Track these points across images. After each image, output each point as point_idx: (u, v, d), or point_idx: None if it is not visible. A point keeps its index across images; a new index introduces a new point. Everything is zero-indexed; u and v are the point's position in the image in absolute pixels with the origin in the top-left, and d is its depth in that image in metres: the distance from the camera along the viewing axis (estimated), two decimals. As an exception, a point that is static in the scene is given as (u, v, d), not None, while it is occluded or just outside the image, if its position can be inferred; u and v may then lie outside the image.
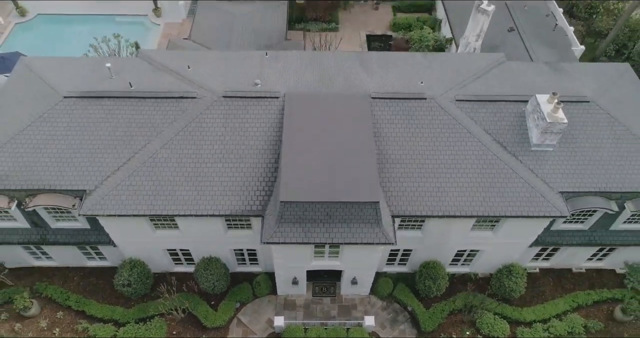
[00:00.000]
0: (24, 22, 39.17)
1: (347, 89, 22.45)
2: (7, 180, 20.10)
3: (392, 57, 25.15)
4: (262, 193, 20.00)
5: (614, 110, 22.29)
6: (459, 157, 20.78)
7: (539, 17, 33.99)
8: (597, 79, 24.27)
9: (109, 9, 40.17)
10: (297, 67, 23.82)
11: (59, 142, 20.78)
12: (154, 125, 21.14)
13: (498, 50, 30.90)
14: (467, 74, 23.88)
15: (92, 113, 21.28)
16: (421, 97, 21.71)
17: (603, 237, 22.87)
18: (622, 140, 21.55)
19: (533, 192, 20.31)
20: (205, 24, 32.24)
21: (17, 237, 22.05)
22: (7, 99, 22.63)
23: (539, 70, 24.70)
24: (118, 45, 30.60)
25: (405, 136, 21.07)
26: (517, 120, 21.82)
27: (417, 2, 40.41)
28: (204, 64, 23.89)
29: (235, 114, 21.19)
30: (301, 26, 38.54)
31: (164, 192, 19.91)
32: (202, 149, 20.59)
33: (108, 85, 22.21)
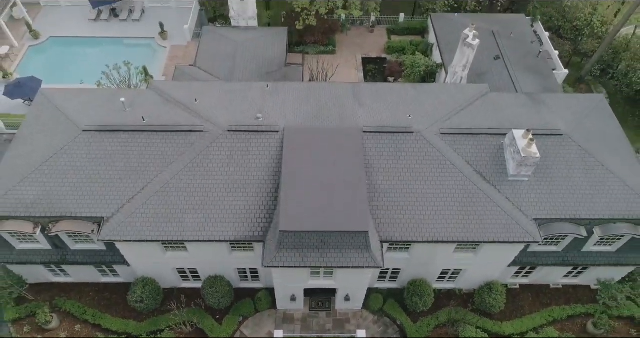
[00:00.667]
0: (37, 44, 41.21)
1: (341, 122, 24.53)
2: (33, 208, 22.21)
3: (384, 89, 27.23)
4: (263, 221, 22.10)
5: (585, 143, 24.36)
6: (442, 187, 22.85)
7: (524, 44, 36.01)
8: (572, 110, 26.34)
9: (117, 32, 42.26)
10: (296, 100, 25.88)
11: (79, 172, 22.87)
12: (165, 157, 23.24)
13: (484, 78, 33.00)
14: (452, 105, 25.95)
15: (109, 145, 23.38)
16: (409, 131, 23.77)
17: (575, 257, 24.98)
18: (591, 171, 23.61)
19: (509, 219, 22.39)
20: (209, 52, 34.27)
21: (40, 258, 24.18)
22: (30, 129, 24.73)
23: (520, 101, 26.78)
24: (128, 72, 32.62)
25: (394, 168, 23.15)
26: (496, 152, 23.90)
27: (410, 26, 42.44)
28: (209, 97, 25.98)
29: (238, 147, 23.28)
30: (300, 49, 40.60)
31: (175, 219, 22.01)
32: (208, 180, 22.67)
33: (123, 119, 24.30)
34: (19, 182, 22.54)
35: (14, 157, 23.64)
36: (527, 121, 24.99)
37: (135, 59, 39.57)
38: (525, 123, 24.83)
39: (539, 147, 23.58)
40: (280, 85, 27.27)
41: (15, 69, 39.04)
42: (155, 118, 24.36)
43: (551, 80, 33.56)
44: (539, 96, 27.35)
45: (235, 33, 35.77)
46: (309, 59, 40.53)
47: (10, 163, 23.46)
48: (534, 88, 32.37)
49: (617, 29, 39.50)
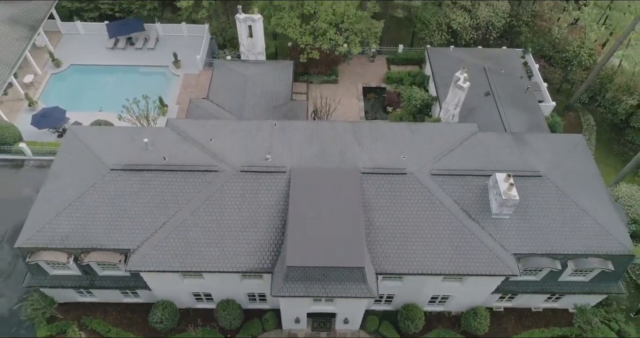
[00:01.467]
0: (59, 72, 44.01)
1: (342, 162, 27.22)
2: (67, 240, 24.98)
3: (381, 128, 29.94)
4: (271, 253, 24.83)
5: (562, 183, 27.02)
6: (432, 224, 25.53)
7: (514, 79, 38.64)
8: (552, 150, 28.99)
9: (133, 60, 45.04)
10: (301, 139, 28.58)
11: (108, 208, 25.63)
12: (184, 194, 25.98)
13: (475, 113, 35.65)
14: (443, 146, 28.65)
15: (134, 183, 26.13)
16: (402, 172, 26.45)
17: (552, 286, 27.65)
18: (566, 210, 26.27)
19: (491, 254, 25.07)
20: (221, 86, 36.99)
21: (71, 282, 26.98)
22: (61, 165, 27.53)
23: (505, 142, 29.44)
24: (147, 105, 35.35)
25: (389, 206, 25.84)
26: (481, 192, 26.57)
27: (409, 56, 45.10)
28: (223, 136, 28.74)
29: (250, 186, 26.00)
30: (305, 78, 43.32)
31: (193, 252, 24.76)
32: (223, 216, 25.40)
33: (146, 158, 27.06)
34: (54, 217, 25.32)
35: (49, 192, 26.43)
36: (510, 162, 27.66)
37: (150, 87, 42.85)
38: (508, 164, 27.51)
39: (519, 188, 26.28)
40: (287, 124, 30.01)
41: (39, 97, 41.85)
42: (175, 157, 27.12)
43: (538, 116, 36.19)
44: (522, 136, 30.01)
45: (244, 67, 38.47)
46: (312, 88, 43.28)
47: (45, 198, 26.25)
48: (521, 124, 35.00)
49: (604, 62, 42.19)
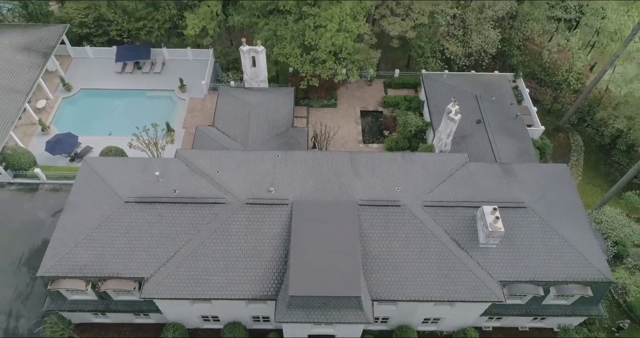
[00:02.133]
0: (70, 96, 45.94)
1: (341, 194, 29.16)
2: (86, 269, 26.95)
3: (377, 159, 31.90)
4: (275, 282, 26.80)
5: (545, 214, 29.01)
6: (423, 253, 27.50)
7: (504, 106, 40.59)
8: (537, 181, 30.97)
9: (141, 84, 46.96)
10: (302, 171, 30.53)
11: (122, 238, 27.60)
12: (194, 225, 27.94)
13: (467, 140, 37.63)
14: (435, 177, 30.63)
15: (147, 215, 28.09)
16: (396, 204, 28.42)
17: (536, 309, 29.66)
18: (549, 240, 28.26)
19: (478, 281, 27.04)
20: (226, 113, 38.93)
21: (88, 307, 28.97)
22: (78, 197, 29.52)
23: (493, 172, 31.43)
24: (155, 133, 37.26)
25: (384, 236, 27.81)
26: (469, 222, 28.55)
27: (405, 81, 47.05)
28: (229, 167, 30.69)
29: (255, 217, 27.97)
30: (305, 102, 45.28)
31: (202, 280, 26.72)
32: (230, 246, 27.37)
33: (157, 190, 29.03)
34: (73, 247, 27.31)
35: (67, 223, 28.41)
36: (497, 193, 29.65)
37: (157, 111, 44.88)
38: (495, 195, 29.50)
39: (505, 218, 28.28)
40: (289, 154, 31.97)
41: (51, 121, 43.77)
42: (184, 189, 29.09)
43: (526, 143, 38.15)
44: (509, 167, 31.98)
45: (248, 95, 40.40)
46: (313, 112, 45.25)
47: (64, 228, 28.24)
48: (510, 151, 36.94)
49: (591, 86, 44.18)
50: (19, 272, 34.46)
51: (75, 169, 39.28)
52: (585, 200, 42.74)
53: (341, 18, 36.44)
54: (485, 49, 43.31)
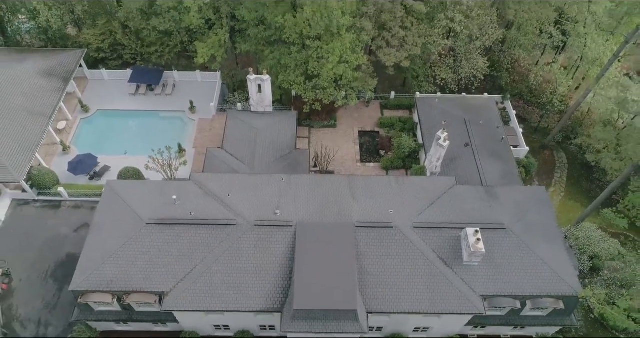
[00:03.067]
0: (87, 117, 49.22)
1: (339, 216, 32.45)
2: (112, 284, 30.26)
3: (373, 183, 35.20)
4: (280, 296, 30.10)
5: (523, 234, 32.32)
6: (413, 270, 30.79)
7: (491, 129, 43.84)
8: (517, 203, 34.26)
9: (154, 105, 50.25)
10: (304, 194, 33.80)
11: (145, 256, 30.90)
12: (208, 245, 31.25)
13: (456, 163, 40.90)
14: (424, 200, 33.94)
15: (166, 236, 31.41)
16: (389, 226, 31.73)
17: (515, 320, 32.98)
18: (526, 258, 31.56)
19: (462, 295, 30.34)
20: (234, 136, 42.20)
21: (112, 317, 32.33)
22: (103, 218, 32.82)
23: (478, 195, 34.72)
24: (169, 156, 40.52)
25: (378, 254, 31.11)
26: (455, 242, 31.85)
27: (400, 102, 50.33)
28: (239, 190, 33.99)
29: (262, 238, 31.28)
30: (307, 123, 48.56)
31: (216, 294, 30.03)
32: (240, 264, 30.67)
33: (174, 212, 32.33)
34: (100, 264, 30.61)
35: (94, 243, 31.72)
36: (480, 215, 32.96)
37: (169, 131, 48.19)
38: (478, 217, 32.81)
39: (487, 239, 31.58)
40: (292, 178, 35.30)
41: (71, 141, 47.06)
42: (199, 211, 32.40)
43: (510, 165, 41.38)
44: (492, 190, 35.29)
45: (254, 118, 43.66)
46: (314, 132, 48.55)
47: (91, 247, 31.54)
48: (495, 173, 40.17)
49: (573, 109, 47.41)
50: (46, 284, 37.72)
51: (95, 187, 42.82)
52: (567, 215, 46.22)
53: (341, 51, 39.71)
54: (475, 75, 46.52)
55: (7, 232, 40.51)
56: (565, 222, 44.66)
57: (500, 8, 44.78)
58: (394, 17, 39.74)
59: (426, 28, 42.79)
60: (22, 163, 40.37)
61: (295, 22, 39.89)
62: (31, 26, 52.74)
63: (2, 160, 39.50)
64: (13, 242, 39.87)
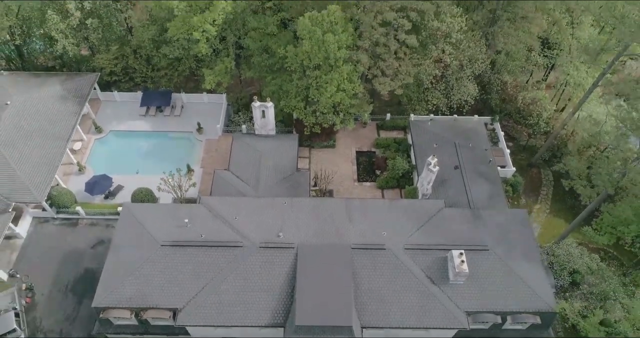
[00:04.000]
0: (101, 137, 52.34)
1: (338, 238, 35.55)
2: (130, 301, 33.39)
3: (368, 205, 38.31)
4: (283, 312, 33.22)
5: (505, 255, 35.42)
6: (403, 288, 33.89)
7: (480, 152, 46.89)
8: (500, 225, 37.36)
9: (163, 126, 53.35)
10: (305, 217, 36.90)
11: (160, 275, 34.03)
12: (217, 265, 34.37)
13: (446, 185, 43.95)
14: (416, 221, 37.07)
15: (179, 256, 34.53)
16: (382, 248, 34.84)
17: (497, 333, 36.06)
18: (506, 277, 34.66)
19: (447, 311, 33.45)
20: (239, 159, 45.30)
21: (130, 330, 35.45)
22: (121, 240, 35.95)
23: (464, 217, 37.85)
24: (179, 178, 43.64)
25: (372, 274, 34.21)
26: (442, 262, 34.95)
27: (395, 124, 53.40)
28: (245, 212, 37.12)
29: (267, 258, 34.39)
30: (307, 144, 51.63)
31: (226, 310, 33.14)
32: (247, 282, 33.79)
33: (187, 234, 35.45)
34: (120, 283, 33.74)
35: (113, 263, 34.85)
36: (466, 237, 36.08)
37: (178, 151, 51.33)
38: (464, 239, 35.93)
39: (471, 259, 34.66)
40: (294, 201, 38.43)
41: (86, 160, 50.15)
42: (208, 234, 35.53)
43: (497, 187, 44.43)
44: (478, 212, 38.41)
45: (258, 141, 46.74)
46: (314, 152, 51.68)
47: (111, 267, 34.68)
48: (482, 194, 43.20)
49: (557, 131, 50.55)
50: (66, 298, 40.85)
51: (110, 206, 45.95)
52: (552, 231, 49.32)
53: (339, 81, 42.81)
54: (466, 99, 49.58)
55: (29, 249, 43.67)
56: (550, 238, 47.79)
57: (490, 38, 47.81)
58: (388, 50, 42.78)
59: (418, 57, 45.85)
60: (42, 184, 43.51)
61: (296, 53, 42.97)
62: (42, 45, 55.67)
63: (24, 182, 42.68)
64: (35, 258, 43.04)
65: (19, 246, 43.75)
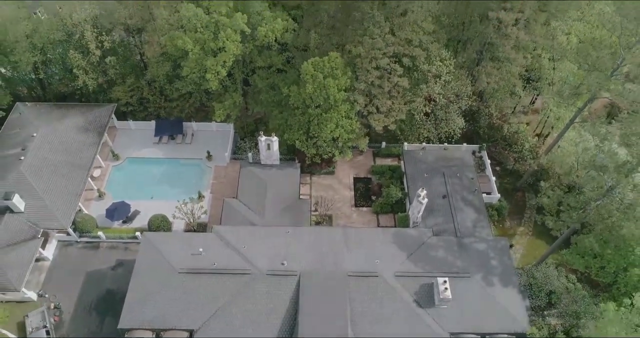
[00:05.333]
0: (118, 164, 56.63)
1: (335, 266, 39.85)
2: (152, 323, 37.74)
3: (363, 234, 42.64)
4: (287, 333, 37.48)
5: (485, 281, 39.72)
6: (394, 312, 38.18)
7: (466, 181, 51.16)
8: (482, 253, 41.70)
9: (175, 153, 57.62)
10: (306, 245, 41.20)
11: (178, 299, 38.36)
12: (229, 290, 38.67)
13: (434, 213, 48.18)
14: (406, 250, 41.38)
15: (195, 282, 38.84)
16: (375, 275, 39.14)
17: (479, 351, 40.40)
18: (487, 301, 38.99)
19: (433, 333, 37.76)
20: (247, 188, 49.58)
21: (150, 348, 39.80)
22: (142, 267, 40.28)
23: (450, 245, 42.21)
24: (192, 206, 47.94)
25: (366, 299, 38.49)
26: (428, 288, 39.25)
27: (390, 152, 57.67)
28: (253, 242, 41.47)
29: (273, 284, 38.71)
30: (309, 170, 55.89)
31: (237, 331, 37.45)
32: (255, 306, 38.10)
33: (201, 262, 39.78)
34: (142, 307, 38.08)
35: (136, 287, 39.19)
36: (450, 265, 40.43)
37: (189, 177, 55.58)
38: (449, 266, 40.27)
39: (454, 285, 38.95)
40: (297, 230, 42.77)
41: (105, 186, 54.45)
42: (220, 261, 39.86)
43: (481, 214, 48.64)
44: (462, 241, 42.76)
45: (264, 170, 51.04)
46: (315, 179, 55.93)
47: (134, 292, 39.01)
48: (468, 222, 47.40)
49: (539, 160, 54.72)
50: (90, 316, 45.10)
51: (128, 230, 50.21)
52: (534, 252, 53.44)
53: (338, 119, 47.11)
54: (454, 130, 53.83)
55: (55, 270, 47.97)
56: (532, 259, 51.95)
57: (475, 76, 52.02)
58: (382, 91, 47.06)
59: (411, 94, 50.13)
60: (67, 211, 47.86)
61: (299, 93, 47.27)
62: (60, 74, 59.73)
63: (51, 210, 47.01)
64: (61, 279, 47.33)
65: (46, 268, 48.06)
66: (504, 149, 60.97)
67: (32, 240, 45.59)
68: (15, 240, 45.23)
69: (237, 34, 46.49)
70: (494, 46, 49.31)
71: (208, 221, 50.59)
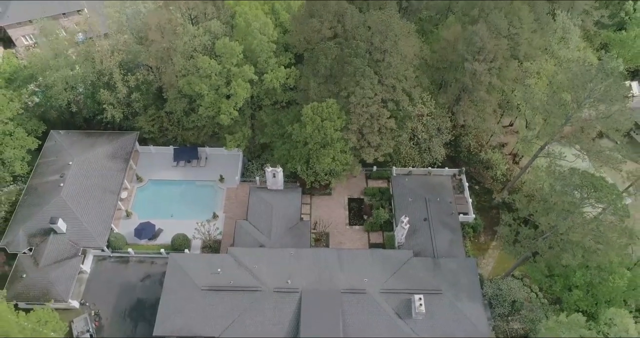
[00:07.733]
0: (142, 186, 64.52)
1: (331, 284, 48.09)
2: (181, 331, 46.16)
3: (355, 254, 50.83)
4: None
5: (454, 297, 48.02)
6: (379, 323, 46.51)
7: (445, 205, 59.12)
8: (452, 271, 49.90)
9: (191, 175, 65.44)
10: (307, 265, 49.37)
11: (201, 312, 46.72)
12: (242, 305, 47.01)
13: (416, 234, 56.26)
14: (390, 269, 49.58)
15: (215, 298, 47.17)
16: (363, 292, 47.42)
17: (448, 353, 48.92)
18: (455, 314, 47.34)
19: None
20: (256, 211, 57.54)
21: (178, 350, 48.37)
22: (171, 283, 48.58)
23: (427, 265, 50.42)
24: (209, 228, 56.03)
25: (355, 312, 46.81)
26: (407, 302, 47.59)
27: (381, 174, 65.45)
28: (262, 261, 49.66)
29: (279, 301, 47.01)
30: (309, 192, 63.79)
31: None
32: (265, 319, 46.46)
33: (219, 280, 48.05)
34: (173, 317, 46.46)
35: (166, 302, 47.52)
36: (425, 283, 48.69)
37: (204, 197, 63.54)
38: (424, 284, 48.54)
39: (428, 301, 47.25)
40: (299, 252, 50.94)
41: (131, 207, 62.41)
42: (236, 280, 48.13)
43: (457, 235, 56.70)
44: (437, 261, 50.97)
45: (269, 195, 58.99)
46: (314, 199, 63.86)
47: (164, 305, 47.36)
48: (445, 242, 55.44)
49: (513, 181, 62.67)
50: (125, 322, 53.53)
51: (153, 247, 58.34)
52: (503, 265, 61.50)
53: (334, 154, 54.93)
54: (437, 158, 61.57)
55: (92, 282, 56.26)
56: (501, 271, 60.17)
57: (456, 112, 59.54)
58: (372, 130, 54.73)
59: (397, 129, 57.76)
60: (102, 231, 56.01)
61: (300, 131, 54.93)
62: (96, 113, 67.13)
63: (89, 231, 55.20)
64: (98, 289, 55.65)
65: (85, 280, 56.34)
66: (482, 170, 68.76)
67: (74, 258, 53.84)
68: (60, 258, 53.48)
69: (246, 82, 53.97)
70: (469, 90, 56.76)
71: (222, 238, 58.71)
